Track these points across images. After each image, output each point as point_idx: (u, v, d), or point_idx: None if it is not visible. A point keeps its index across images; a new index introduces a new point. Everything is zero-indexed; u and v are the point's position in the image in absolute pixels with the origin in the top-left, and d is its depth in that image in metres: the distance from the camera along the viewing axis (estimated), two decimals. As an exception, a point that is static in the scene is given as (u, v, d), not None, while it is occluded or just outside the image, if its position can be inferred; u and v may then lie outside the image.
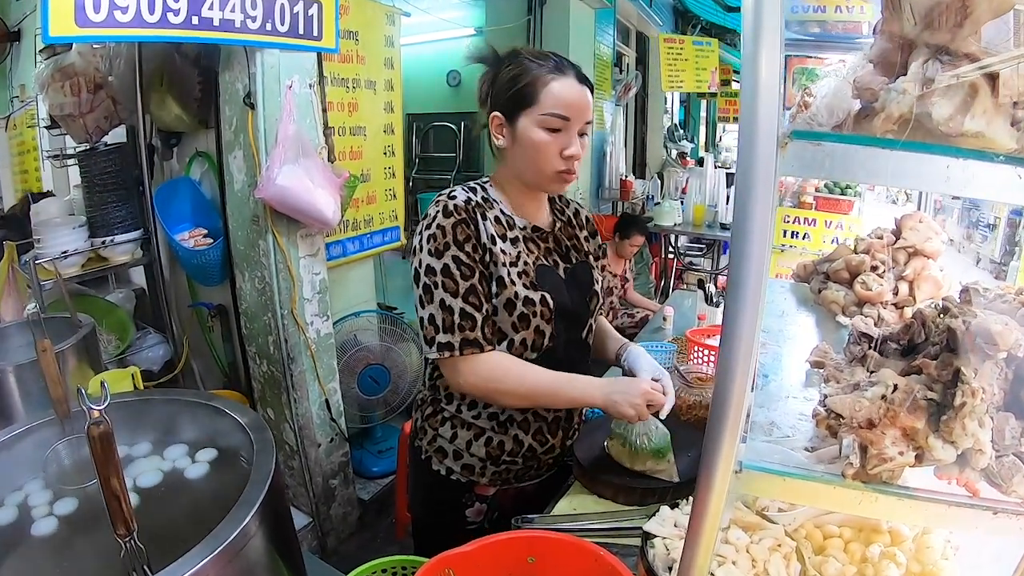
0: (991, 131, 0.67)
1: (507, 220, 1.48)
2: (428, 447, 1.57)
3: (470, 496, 1.57)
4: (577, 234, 1.64)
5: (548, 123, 1.37)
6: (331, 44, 2.51)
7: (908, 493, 0.75)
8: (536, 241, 1.51)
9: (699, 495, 0.76)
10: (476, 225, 1.40)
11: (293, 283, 2.65)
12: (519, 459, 1.54)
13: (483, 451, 1.51)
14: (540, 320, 1.44)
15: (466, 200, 1.42)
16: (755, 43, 0.62)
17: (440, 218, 1.38)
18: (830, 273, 1.46)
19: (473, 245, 1.38)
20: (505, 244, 1.44)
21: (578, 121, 1.39)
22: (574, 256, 1.58)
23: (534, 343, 1.45)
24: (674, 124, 10.68)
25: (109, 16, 1.80)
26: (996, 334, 0.72)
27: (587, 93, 1.41)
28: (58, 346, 1.80)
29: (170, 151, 2.95)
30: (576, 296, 1.53)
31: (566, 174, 1.42)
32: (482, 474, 1.54)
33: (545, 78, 1.38)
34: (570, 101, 1.38)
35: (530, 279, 1.44)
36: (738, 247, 0.66)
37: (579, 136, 1.41)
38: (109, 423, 0.78)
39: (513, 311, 1.41)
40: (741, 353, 0.69)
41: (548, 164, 1.40)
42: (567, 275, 1.53)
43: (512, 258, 1.43)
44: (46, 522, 1.13)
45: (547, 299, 1.44)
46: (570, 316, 1.51)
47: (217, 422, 1.28)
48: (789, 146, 0.65)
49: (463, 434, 1.52)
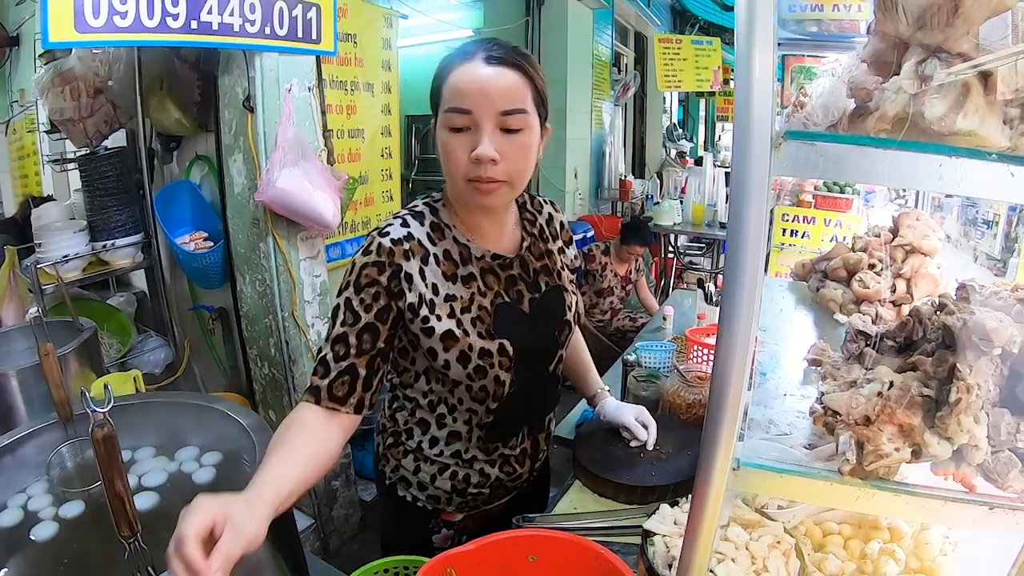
0: (984, 129, 0.68)
1: (461, 251, 1.28)
2: (392, 474, 1.46)
3: (437, 523, 1.47)
4: (549, 249, 1.42)
5: (450, 121, 1.15)
6: (329, 47, 2.52)
7: (904, 489, 0.75)
8: (496, 272, 1.31)
9: (697, 492, 0.77)
10: (396, 272, 1.19)
11: (294, 285, 2.66)
12: (486, 489, 1.43)
13: (448, 484, 1.40)
14: (499, 369, 1.28)
15: (398, 240, 1.20)
16: (748, 44, 0.62)
17: (359, 254, 1.22)
18: (828, 271, 1.47)
19: (375, 293, 1.19)
20: (456, 286, 1.25)
21: (486, 112, 1.12)
22: (543, 282, 1.38)
23: (494, 392, 1.31)
24: (673, 123, 10.70)
25: (108, 21, 1.80)
26: (991, 331, 0.73)
27: (503, 75, 1.13)
28: (60, 350, 1.81)
29: (170, 155, 2.95)
30: (543, 330, 1.37)
31: (478, 183, 1.16)
32: (448, 503, 1.44)
33: (447, 69, 1.16)
34: (470, 88, 1.12)
35: (486, 325, 1.26)
36: (734, 246, 0.67)
37: (504, 132, 1.14)
38: (113, 425, 0.79)
39: (468, 363, 1.25)
40: (737, 351, 0.70)
41: (457, 170, 1.17)
42: (533, 308, 1.34)
43: (465, 302, 1.25)
44: (49, 525, 1.14)
45: (506, 347, 1.27)
46: (535, 356, 1.36)
47: (220, 424, 1.29)
48: (783, 146, 0.65)
49: (427, 468, 1.40)
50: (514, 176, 1.18)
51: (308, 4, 2.36)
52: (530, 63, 1.17)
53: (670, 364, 2.32)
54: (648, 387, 1.98)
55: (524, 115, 1.15)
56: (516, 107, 1.13)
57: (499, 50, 1.14)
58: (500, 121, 1.13)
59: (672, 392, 1.89)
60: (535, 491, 1.59)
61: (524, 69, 1.15)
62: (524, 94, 1.15)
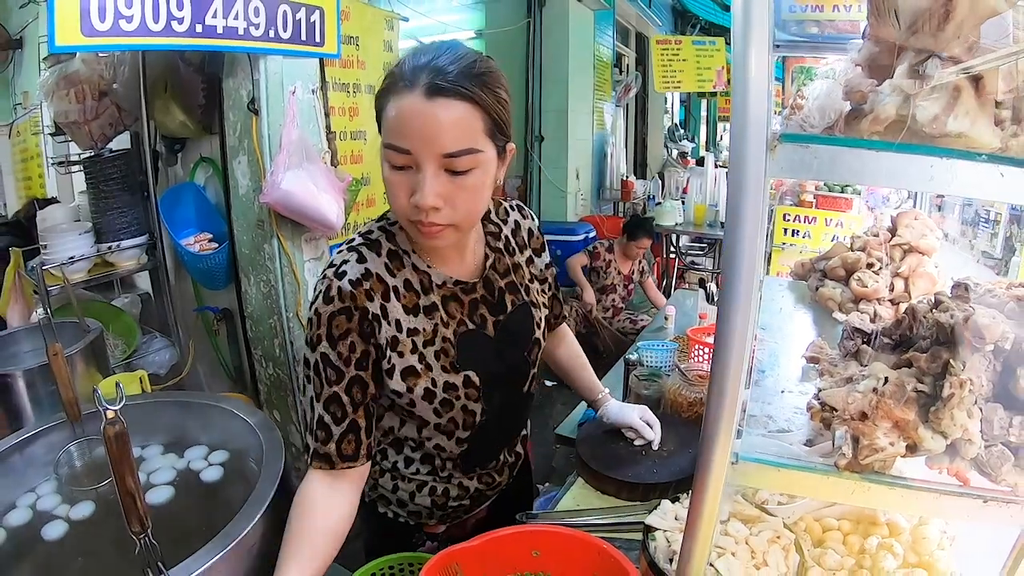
0: (974, 131, 0.70)
1: (421, 280, 1.19)
2: (371, 492, 1.41)
3: (420, 536, 1.42)
4: (516, 262, 1.34)
5: (389, 157, 1.03)
6: (333, 50, 2.54)
7: (900, 482, 0.77)
8: (459, 298, 1.23)
9: (697, 486, 0.79)
10: (363, 315, 1.11)
11: (298, 286, 2.68)
12: (467, 500, 1.40)
13: (428, 500, 1.36)
14: (467, 400, 1.23)
15: (356, 280, 1.11)
16: (744, 48, 0.64)
17: (320, 303, 1.11)
18: (827, 271, 1.49)
19: (351, 343, 1.11)
20: (417, 319, 1.17)
21: (427, 155, 0.99)
22: (509, 301, 1.30)
23: (464, 422, 1.25)
24: (674, 124, 10.72)
25: (114, 25, 1.83)
26: (983, 327, 0.75)
27: (448, 110, 0.98)
28: (67, 350, 1.83)
29: (175, 157, 2.98)
30: (511, 354, 1.30)
31: (421, 225, 1.05)
32: (430, 517, 1.40)
33: (389, 94, 1.02)
34: (409, 127, 0.99)
35: (450, 359, 1.19)
36: (730, 246, 0.69)
37: (450, 173, 1.01)
38: (124, 423, 0.81)
39: (434, 399, 1.19)
40: (735, 348, 0.71)
41: (400, 210, 1.07)
42: (498, 331, 1.27)
43: (428, 335, 1.18)
44: (58, 523, 1.16)
45: (471, 379, 1.22)
46: (503, 382, 1.30)
47: (226, 423, 1.31)
48: (778, 148, 0.67)
49: (404, 486, 1.35)
50: (460, 219, 1.07)
51: (312, 7, 2.38)
52: (484, 87, 1.01)
53: (672, 363, 2.34)
54: (650, 386, 1.99)
55: (473, 155, 1.01)
56: (463, 148, 1.00)
57: (444, 76, 0.98)
58: (444, 163, 1.00)
59: (674, 391, 1.90)
60: (519, 489, 1.56)
61: (474, 98, 1.00)
62: (473, 129, 1.01)
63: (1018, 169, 0.65)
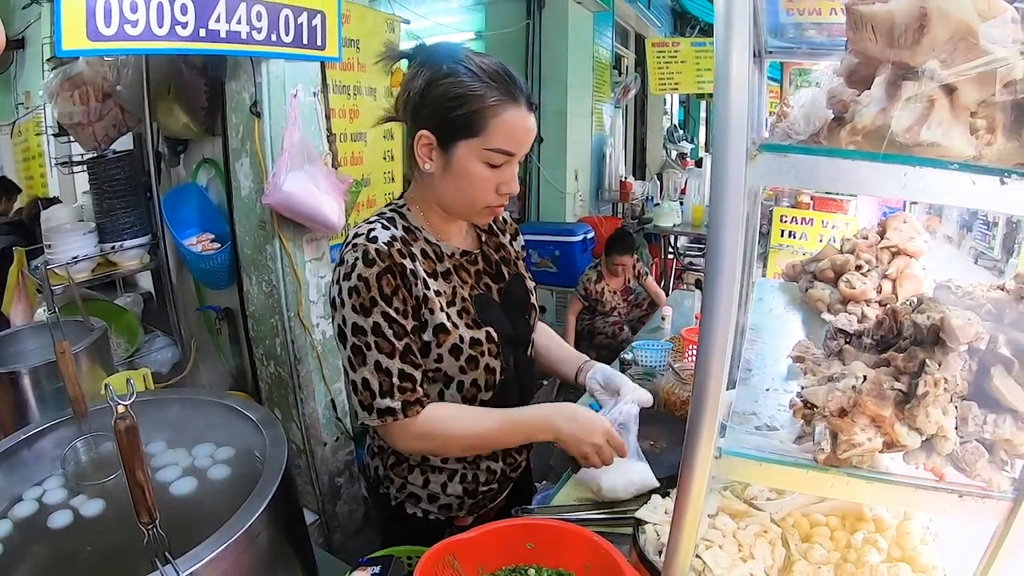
0: (948, 140, 0.72)
1: (434, 250, 1.33)
2: (398, 494, 1.46)
3: (451, 531, 1.45)
4: (503, 243, 1.50)
5: (492, 159, 1.21)
6: (334, 53, 2.57)
7: (877, 476, 0.80)
8: (466, 267, 1.37)
9: (683, 478, 0.82)
10: (403, 271, 1.22)
11: (299, 286, 2.71)
12: (495, 484, 1.47)
13: (459, 489, 1.43)
14: (489, 357, 1.33)
15: (388, 241, 1.22)
16: (726, 61, 0.67)
17: (361, 267, 1.20)
18: (817, 272, 1.51)
19: (403, 296, 1.22)
20: (438, 282, 1.30)
21: (522, 154, 1.25)
22: (506, 271, 1.45)
23: (487, 382, 1.35)
24: (673, 125, 10.74)
25: (120, 30, 1.85)
26: (956, 328, 0.78)
27: (534, 120, 1.25)
28: (72, 348, 1.86)
29: (177, 158, 3.01)
30: (516, 317, 1.43)
31: (498, 208, 1.30)
32: (460, 508, 1.46)
33: (495, 107, 1.18)
34: (521, 136, 1.22)
35: (471, 316, 1.32)
36: (713, 250, 0.73)
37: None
38: (135, 417, 0.84)
39: (460, 355, 1.29)
40: (717, 347, 0.75)
41: (482, 199, 1.26)
42: (503, 297, 1.42)
43: (449, 296, 1.30)
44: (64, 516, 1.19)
45: (492, 334, 1.33)
46: (515, 342, 1.42)
47: (231, 420, 1.33)
48: (758, 157, 0.70)
49: (436, 478, 1.42)
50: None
51: (313, 11, 2.41)
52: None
53: (666, 363, 2.37)
54: (644, 385, 2.02)
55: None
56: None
57: (530, 94, 1.24)
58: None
59: (667, 389, 1.94)
60: (524, 480, 1.63)
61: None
62: None
63: (989, 177, 0.68)
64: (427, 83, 1.20)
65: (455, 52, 1.22)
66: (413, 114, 1.25)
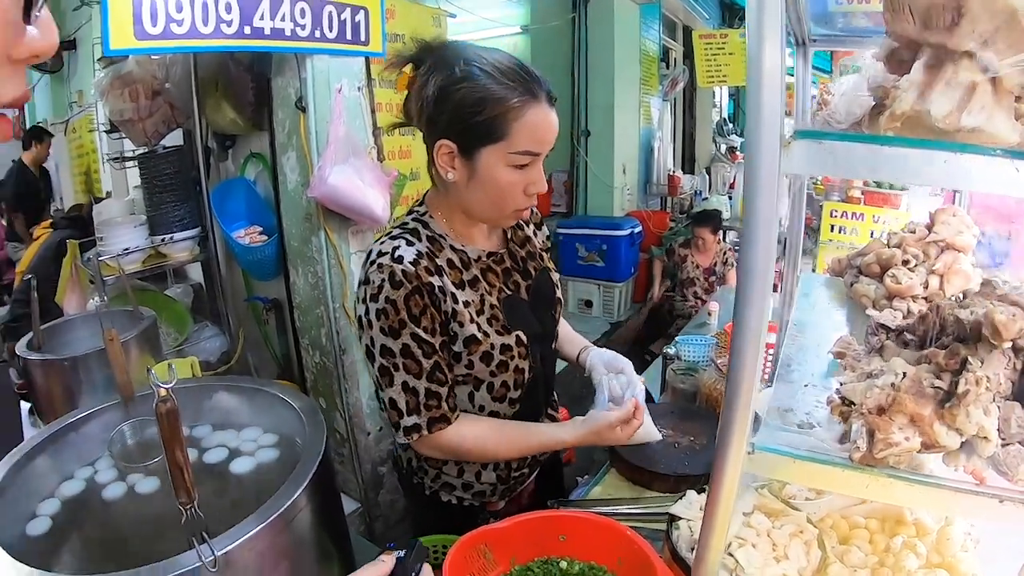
0: (991, 126, 0.70)
1: (460, 258, 1.31)
2: (432, 483, 1.49)
3: (484, 516, 1.49)
4: (527, 235, 1.48)
5: (518, 161, 1.17)
6: (378, 48, 2.59)
7: (914, 478, 0.78)
8: (493, 269, 1.36)
9: (715, 474, 0.81)
10: (431, 289, 1.22)
11: (344, 278, 2.75)
12: (525, 468, 1.50)
13: (493, 476, 1.46)
14: (519, 360, 1.34)
15: (415, 259, 1.21)
16: (758, 49, 0.66)
17: (388, 289, 1.19)
18: (862, 267, 1.47)
19: (431, 315, 1.22)
20: (465, 292, 1.28)
21: (547, 152, 1.21)
22: (532, 267, 1.44)
23: (515, 381, 1.37)
24: (723, 118, 10.54)
25: (166, 29, 1.90)
26: (1000, 324, 0.75)
27: (556, 115, 1.20)
28: (122, 336, 1.92)
29: (225, 153, 3.07)
30: (543, 314, 1.44)
31: (525, 211, 1.27)
32: (493, 494, 1.49)
33: (517, 108, 1.14)
34: (545, 134, 1.18)
35: (501, 323, 1.32)
36: (747, 242, 0.71)
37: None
38: (175, 401, 0.87)
39: (491, 361, 1.31)
40: (751, 340, 0.73)
41: (512, 204, 1.23)
42: (531, 295, 1.41)
43: (477, 305, 1.30)
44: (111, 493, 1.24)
45: (521, 338, 1.34)
46: (540, 340, 1.42)
47: (274, 407, 1.36)
48: (793, 145, 0.68)
49: (470, 467, 1.45)
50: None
51: (356, 7, 2.43)
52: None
53: (708, 358, 2.34)
54: (686, 380, 2.01)
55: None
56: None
57: (550, 90, 1.19)
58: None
59: (709, 385, 1.91)
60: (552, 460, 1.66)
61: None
62: None
63: (1035, 164, 0.65)
64: (440, 89, 1.16)
65: (465, 52, 1.17)
66: (429, 123, 1.21)
